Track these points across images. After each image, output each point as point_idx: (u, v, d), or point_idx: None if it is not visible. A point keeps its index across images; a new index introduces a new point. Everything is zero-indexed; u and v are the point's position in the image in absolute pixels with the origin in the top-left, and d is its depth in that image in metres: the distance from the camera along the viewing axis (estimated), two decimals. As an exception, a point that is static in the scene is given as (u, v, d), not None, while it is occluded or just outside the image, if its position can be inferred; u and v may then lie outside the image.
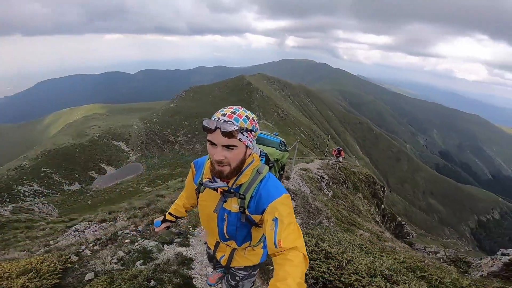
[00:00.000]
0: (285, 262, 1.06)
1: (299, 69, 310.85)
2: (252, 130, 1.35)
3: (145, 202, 6.11)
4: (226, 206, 1.49)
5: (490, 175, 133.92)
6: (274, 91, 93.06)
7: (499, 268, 6.21)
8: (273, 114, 66.94)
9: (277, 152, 1.75)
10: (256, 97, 71.92)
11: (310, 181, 10.39)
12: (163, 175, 40.35)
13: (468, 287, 3.78)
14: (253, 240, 1.64)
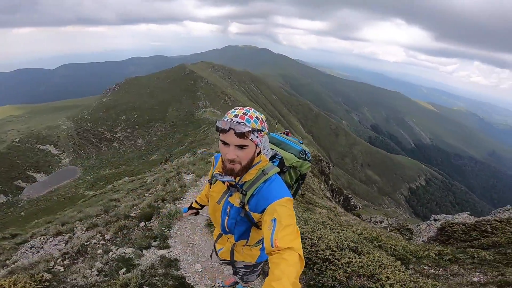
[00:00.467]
0: (281, 262, 1.07)
1: (243, 55, 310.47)
2: (262, 130, 1.41)
3: (100, 209, 5.72)
4: (231, 199, 1.58)
5: (413, 144, 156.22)
6: (219, 78, 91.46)
7: (435, 233, 7.56)
8: (220, 101, 66.15)
9: (294, 158, 1.74)
10: (201, 85, 69.83)
11: (267, 165, 10.82)
12: (105, 176, 37.14)
13: (416, 252, 4.58)
14: (250, 240, 1.69)
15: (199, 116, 54.00)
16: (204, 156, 10.10)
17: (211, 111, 56.17)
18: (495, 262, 4.56)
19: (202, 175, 6.87)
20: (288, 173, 1.74)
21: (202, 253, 3.62)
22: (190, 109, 59.77)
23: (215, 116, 50.52)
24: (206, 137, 38.28)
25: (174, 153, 36.22)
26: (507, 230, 6.43)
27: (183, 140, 44.68)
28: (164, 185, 6.45)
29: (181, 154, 29.89)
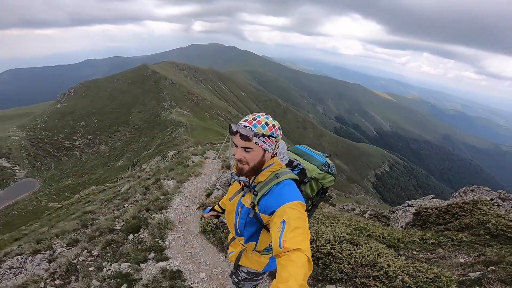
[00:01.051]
0: (288, 263, 1.06)
1: (208, 53, 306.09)
2: (271, 135, 1.44)
3: (76, 223, 5.26)
4: (243, 200, 1.61)
5: (375, 132, 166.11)
6: (184, 78, 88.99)
7: (411, 219, 8.03)
8: (187, 101, 64.42)
9: (316, 170, 1.73)
10: (165, 86, 67.38)
11: (247, 164, 10.74)
12: (68, 187, 34.70)
13: (402, 238, 4.83)
14: (259, 244, 1.68)
15: (165, 117, 52.19)
16: (181, 160, 9.72)
17: (178, 111, 54.57)
18: (472, 243, 4.96)
19: (184, 181, 6.61)
20: (309, 185, 1.73)
21: (203, 261, 3.53)
22: (155, 111, 57.48)
23: (182, 117, 49.20)
24: (174, 139, 37.22)
25: (141, 157, 34.85)
26: (474, 211, 7.06)
27: (150, 144, 42.99)
28: (144, 193, 6.10)
29: (149, 158, 28.85)
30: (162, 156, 20.13)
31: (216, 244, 3.74)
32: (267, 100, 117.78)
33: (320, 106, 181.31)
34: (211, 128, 48.30)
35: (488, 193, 14.68)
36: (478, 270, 3.26)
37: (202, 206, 4.96)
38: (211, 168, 8.38)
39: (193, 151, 11.85)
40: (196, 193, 5.77)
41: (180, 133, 39.45)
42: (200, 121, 51.42)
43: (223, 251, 3.64)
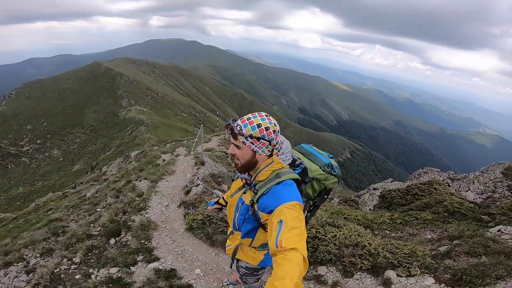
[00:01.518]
0: (284, 262, 1.07)
1: (168, 48, 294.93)
2: (262, 138, 1.42)
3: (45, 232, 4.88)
4: (244, 197, 1.63)
5: (335, 121, 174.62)
6: (143, 74, 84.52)
7: (378, 201, 8.61)
8: (147, 98, 61.34)
9: (318, 170, 1.73)
10: (121, 83, 63.42)
11: (219, 160, 10.65)
12: (19, 195, 31.57)
13: (375, 219, 5.19)
14: (255, 241, 1.71)
15: (123, 116, 49.26)
16: (151, 159, 9.30)
17: (138, 109, 51.86)
18: (434, 220, 5.52)
19: (158, 180, 6.37)
20: (311, 185, 1.74)
21: (195, 257, 3.53)
22: (112, 110, 53.98)
23: (142, 115, 46.88)
24: (135, 138, 35.52)
25: (100, 160, 32.78)
26: (431, 191, 7.82)
27: (108, 145, 40.45)
28: (117, 196, 5.78)
29: (109, 160, 27.25)
30: (124, 157, 19.13)
31: (205, 240, 3.72)
32: (233, 94, 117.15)
33: (284, 98, 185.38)
34: (175, 125, 46.76)
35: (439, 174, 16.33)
36: (445, 244, 3.67)
37: (183, 203, 4.86)
38: (184, 166, 8.17)
39: (163, 149, 11.43)
40: (173, 191, 5.62)
41: (141, 132, 37.65)
42: (162, 118, 49.45)
43: (213, 245, 3.63)
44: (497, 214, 4.87)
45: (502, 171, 12.40)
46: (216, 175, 6.73)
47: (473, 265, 2.86)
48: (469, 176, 14.41)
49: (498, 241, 3.45)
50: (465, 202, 6.28)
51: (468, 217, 5.39)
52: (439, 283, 2.81)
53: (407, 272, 2.96)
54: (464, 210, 5.74)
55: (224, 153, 13.40)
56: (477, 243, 3.39)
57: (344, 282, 3.00)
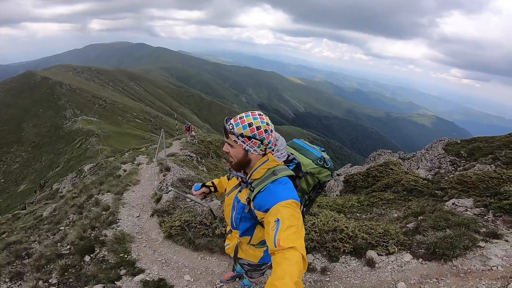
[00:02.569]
0: (283, 261, 1.08)
1: (113, 52, 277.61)
2: (253, 137, 1.40)
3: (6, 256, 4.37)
4: (239, 195, 1.62)
5: (293, 114, 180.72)
6: (86, 81, 77.98)
7: (343, 186, 9.05)
8: (94, 106, 56.71)
9: (311, 164, 1.72)
10: (63, 92, 57.84)
11: (185, 163, 10.30)
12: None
13: (344, 204, 5.47)
14: (254, 238, 1.71)
15: (69, 128, 45.03)
16: (110, 171, 8.61)
17: (85, 119, 47.77)
18: (396, 199, 5.99)
19: (123, 191, 5.94)
20: (305, 179, 1.73)
21: (181, 264, 3.42)
22: (55, 122, 48.98)
23: (91, 124, 43.31)
24: (86, 151, 32.82)
25: (49, 177, 29.70)
26: (389, 172, 8.47)
27: (56, 161, 36.80)
28: (80, 213, 5.30)
29: (59, 176, 24.94)
30: (77, 172, 17.62)
31: (187, 245, 3.61)
32: (189, 96, 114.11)
33: (243, 95, 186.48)
34: (129, 133, 44.09)
35: (391, 154, 17.81)
36: (412, 221, 4.03)
37: (155, 212, 4.64)
38: (148, 174, 7.74)
39: (121, 159, 10.72)
40: (142, 201, 5.32)
41: (92, 143, 34.85)
42: (114, 127, 46.24)
43: (197, 250, 3.54)
44: (448, 188, 5.47)
45: (443, 147, 13.97)
46: (185, 179, 6.49)
47: (441, 238, 3.16)
48: (417, 154, 16.00)
49: (455, 214, 3.89)
50: (419, 180, 6.94)
51: (424, 193, 5.96)
52: (416, 258, 3.07)
53: (386, 250, 3.19)
54: (420, 187, 6.34)
55: (189, 157, 13.01)
56: (439, 217, 3.77)
57: (332, 266, 3.12)
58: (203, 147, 17.23)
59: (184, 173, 7.79)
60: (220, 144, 20.38)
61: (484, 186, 5.08)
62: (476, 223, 3.48)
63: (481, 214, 4.01)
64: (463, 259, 2.92)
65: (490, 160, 10.40)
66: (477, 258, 2.89)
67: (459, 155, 12.43)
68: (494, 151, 10.98)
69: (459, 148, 12.92)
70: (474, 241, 3.07)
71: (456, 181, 5.83)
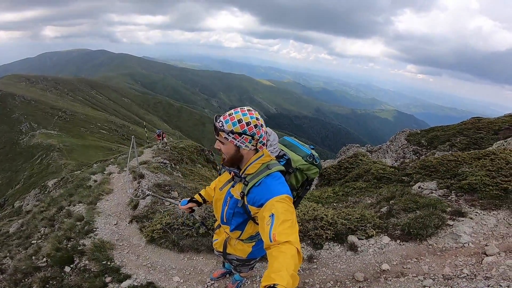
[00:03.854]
0: (279, 255, 1.09)
1: (71, 60, 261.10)
2: (243, 133, 1.41)
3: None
4: (232, 190, 1.63)
5: (265, 116, 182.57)
6: (41, 92, 72.27)
7: (318, 180, 9.34)
8: (53, 118, 52.75)
9: (301, 161, 1.75)
10: (16, 105, 53.06)
11: (159, 170, 10.04)
12: None
13: (321, 195, 5.72)
14: (244, 233, 1.73)
15: (26, 143, 41.47)
16: (80, 182, 8.14)
17: (44, 132, 44.31)
18: (368, 188, 6.33)
19: (96, 201, 5.67)
20: (294, 175, 1.76)
21: (169, 266, 3.37)
22: (10, 137, 44.73)
23: (51, 138, 40.30)
24: (48, 166, 30.56)
25: (8, 195, 27.25)
26: (358, 162, 8.92)
27: (15, 178, 33.64)
28: (51, 225, 5.02)
29: (21, 194, 23.02)
30: (40, 188, 16.38)
31: (171, 248, 3.56)
32: (157, 103, 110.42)
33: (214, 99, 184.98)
34: (94, 145, 41.67)
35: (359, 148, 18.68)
36: (384, 205, 4.31)
37: (134, 218, 4.52)
38: (121, 182, 7.45)
39: (91, 170, 10.19)
40: (118, 209, 5.14)
41: (54, 158, 32.51)
42: (77, 139, 43.45)
43: (182, 251, 3.50)
44: (413, 173, 5.91)
45: (405, 138, 14.99)
46: (162, 184, 6.36)
47: (413, 219, 3.42)
48: (383, 146, 17.00)
49: (422, 196, 4.22)
50: (387, 168, 7.40)
51: (393, 180, 6.38)
52: (394, 240, 3.30)
53: (365, 234, 3.40)
54: (388, 175, 6.77)
55: (162, 163, 12.67)
56: (408, 200, 4.07)
57: (317, 254, 3.25)
58: (176, 154, 16.84)
59: (160, 178, 7.61)
60: (194, 150, 20.08)
61: (444, 169, 5.52)
62: (442, 203, 3.79)
63: (445, 195, 4.34)
64: (436, 238, 3.17)
65: (448, 147, 11.41)
66: (448, 236, 3.16)
67: (420, 144, 13.44)
68: (450, 138, 12.06)
69: (420, 137, 13.97)
70: (443, 220, 3.35)
71: (419, 167, 6.31)
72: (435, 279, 2.58)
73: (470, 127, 12.28)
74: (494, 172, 4.45)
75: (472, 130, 11.89)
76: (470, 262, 2.74)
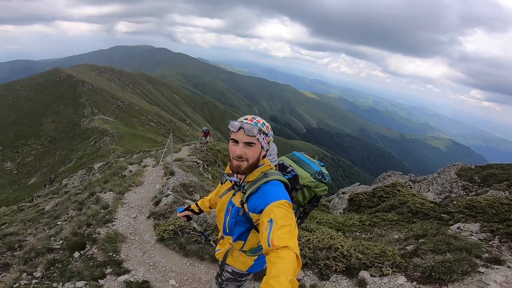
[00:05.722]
0: (278, 260, 1.07)
1: (136, 55, 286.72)
2: (267, 134, 1.50)
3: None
4: (234, 199, 1.63)
5: (304, 129, 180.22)
6: (107, 82, 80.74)
7: (347, 205, 8.91)
8: (112, 106, 58.46)
9: (309, 178, 1.74)
10: (84, 91, 59.98)
11: (190, 169, 10.39)
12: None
13: (345, 222, 5.34)
14: (247, 244, 1.70)
15: (85, 126, 46.41)
16: (116, 170, 8.78)
17: (102, 118, 49.16)
18: (399, 221, 5.80)
19: (125, 192, 6.03)
20: (301, 192, 1.75)
21: (169, 268, 3.40)
22: (73, 119, 50.66)
23: (107, 124, 44.48)
24: (99, 149, 33.62)
25: (60, 172, 30.43)
26: (395, 193, 8.27)
27: (69, 156, 37.80)
28: (79, 209, 5.40)
29: (70, 172, 25.51)
30: (87, 170, 18.03)
31: (178, 250, 3.59)
32: (204, 103, 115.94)
33: (256, 107, 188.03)
34: (142, 135, 44.95)
35: (401, 176, 17.32)
36: (412, 243, 3.89)
37: (152, 215, 4.66)
38: (153, 176, 7.83)
39: (129, 160, 10.93)
40: (141, 203, 5.37)
41: (105, 142, 35.67)
42: (128, 128, 47.31)
43: (187, 256, 3.51)
44: (455, 212, 5.26)
45: (456, 172, 13.50)
46: (187, 185, 6.54)
47: (439, 262, 3.02)
48: (428, 177, 15.51)
49: (459, 238, 3.71)
50: (426, 202, 6.71)
51: (430, 216, 5.75)
52: (410, 281, 2.95)
53: (380, 271, 3.08)
54: (426, 210, 6.12)
55: (196, 163, 13.11)
56: (441, 240, 3.61)
57: (322, 285, 3.04)
58: (211, 155, 17.32)
59: (188, 178, 7.84)
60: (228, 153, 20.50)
61: (493, 212, 4.86)
62: (479, 248, 3.33)
63: (486, 239, 3.85)
64: (459, 284, 2.78)
65: (505, 187, 9.95)
66: (474, 283, 2.73)
67: (472, 181, 11.95)
68: (509, 178, 10.54)
69: (473, 173, 12.46)
70: (474, 266, 2.92)
71: (465, 206, 5.60)
72: None
73: (537, 169, 10.62)
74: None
75: (540, 173, 10.25)
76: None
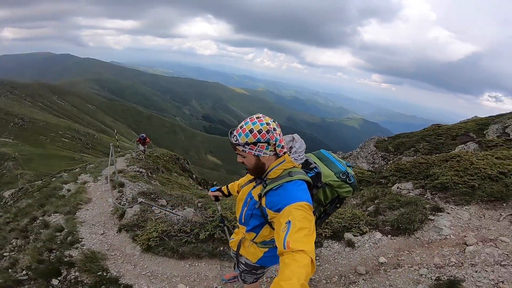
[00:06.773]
0: (292, 263, 1.07)
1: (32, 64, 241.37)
2: (258, 142, 1.40)
3: None
4: (253, 192, 1.63)
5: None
6: (-5, 96, 65.90)
7: None
8: (8, 125, 48.29)
9: (332, 177, 1.68)
10: (-35, 110, 47.85)
11: (136, 179, 9.66)
12: None
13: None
14: (259, 236, 1.71)
15: (-23, 152, 37.34)
16: (51, 192, 7.56)
17: (-6, 141, 40.31)
18: None
19: (75, 211, 5.33)
20: (323, 190, 1.70)
21: (170, 274, 3.28)
22: (-42, 146, 40.10)
23: (5, 147, 36.73)
24: (2, 176, 27.79)
25: None
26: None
27: (-35, 188, 29.93)
28: (25, 237, 4.59)
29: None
30: (-3, 199, 14.82)
31: (171, 255, 3.44)
32: (125, 109, 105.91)
33: (186, 107, 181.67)
34: (55, 155, 38.79)
35: (333, 154, 19.37)
36: (370, 205, 4.62)
37: (122, 227, 4.30)
38: (100, 191, 7.07)
39: (61, 179, 9.52)
40: (101, 218, 4.87)
41: (8, 168, 29.64)
42: (35, 148, 40.19)
43: (183, 258, 3.41)
44: (390, 176, 6.36)
45: (374, 145, 15.96)
46: (147, 192, 6.14)
47: (400, 215, 3.73)
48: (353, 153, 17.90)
49: (402, 195, 4.58)
50: (364, 171, 7.84)
51: (372, 182, 6.78)
52: (385, 235, 3.57)
53: (360, 231, 3.63)
54: (367, 178, 7.18)
55: (139, 172, 12.18)
56: (391, 199, 4.43)
57: (318, 252, 3.39)
58: (151, 162, 16.29)
59: (142, 187, 7.35)
60: (169, 158, 19.55)
61: (417, 171, 6.03)
62: (421, 201, 4.17)
63: (421, 194, 4.75)
64: (422, 232, 3.48)
65: (413, 152, 12.36)
66: (432, 229, 3.49)
67: (388, 150, 14.38)
68: (414, 144, 13.07)
69: (387, 144, 14.95)
70: (426, 215, 3.71)
71: (395, 169, 6.80)
72: (429, 268, 2.84)
73: (431, 134, 13.42)
74: (461, 172, 4.95)
75: (433, 136, 13.00)
76: (455, 252, 3.05)
